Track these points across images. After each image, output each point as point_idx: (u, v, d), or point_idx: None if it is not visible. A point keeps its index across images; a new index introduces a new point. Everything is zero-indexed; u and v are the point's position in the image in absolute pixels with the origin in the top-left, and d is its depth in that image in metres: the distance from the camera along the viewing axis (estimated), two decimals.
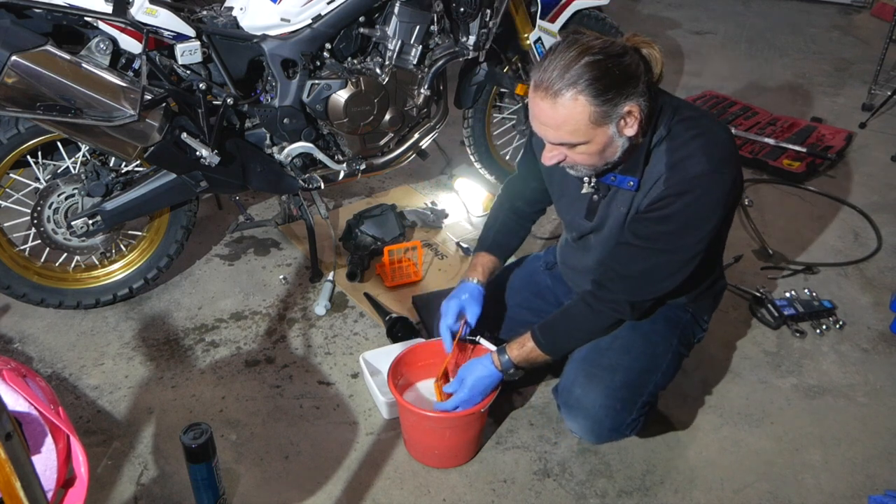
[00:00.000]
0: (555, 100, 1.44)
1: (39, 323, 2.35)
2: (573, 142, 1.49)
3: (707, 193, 1.51)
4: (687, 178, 1.51)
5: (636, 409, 1.74)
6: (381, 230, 2.66)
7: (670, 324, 1.82)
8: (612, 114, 1.45)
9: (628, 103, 1.45)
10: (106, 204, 2.19)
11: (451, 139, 3.26)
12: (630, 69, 1.45)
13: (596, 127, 1.46)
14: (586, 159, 1.53)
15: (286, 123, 2.29)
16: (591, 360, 1.76)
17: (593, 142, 1.48)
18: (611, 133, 1.48)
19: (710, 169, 1.50)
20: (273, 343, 2.28)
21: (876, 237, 2.85)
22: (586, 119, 1.44)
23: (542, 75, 1.45)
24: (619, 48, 1.46)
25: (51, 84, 1.85)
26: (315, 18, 2.21)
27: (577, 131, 1.46)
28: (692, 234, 1.55)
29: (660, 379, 1.79)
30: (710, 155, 1.51)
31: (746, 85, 4.26)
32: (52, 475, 1.38)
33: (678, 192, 1.51)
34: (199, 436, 1.54)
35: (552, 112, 1.45)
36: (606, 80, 1.42)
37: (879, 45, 4.09)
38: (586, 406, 1.73)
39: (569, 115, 1.44)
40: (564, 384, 1.79)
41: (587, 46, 1.43)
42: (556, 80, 1.43)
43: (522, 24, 2.68)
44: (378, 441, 1.94)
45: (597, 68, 1.41)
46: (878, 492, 1.81)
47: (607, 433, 1.75)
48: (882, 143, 3.61)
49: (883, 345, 2.31)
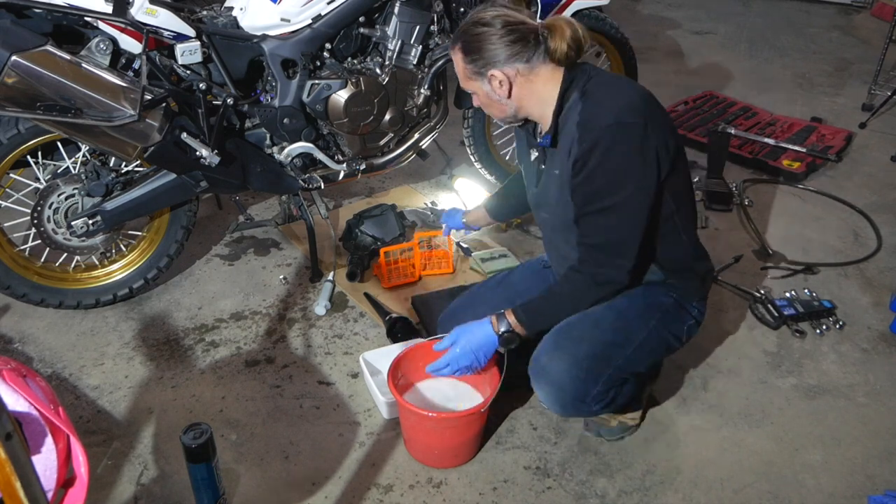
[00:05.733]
0: (452, 47, 1.74)
1: (39, 323, 2.35)
2: (465, 87, 1.76)
3: (617, 142, 1.60)
4: (593, 131, 1.61)
5: (602, 381, 1.74)
6: (381, 230, 2.66)
7: (650, 305, 1.82)
8: (478, 73, 1.69)
9: (492, 70, 1.67)
10: (106, 204, 2.20)
11: (451, 139, 3.26)
12: (507, 40, 1.64)
13: (471, 80, 1.72)
14: (484, 108, 1.79)
15: (286, 123, 2.29)
16: (561, 332, 1.79)
17: (477, 93, 1.75)
18: (486, 89, 1.71)
19: (614, 120, 1.60)
20: (273, 343, 2.28)
21: (876, 237, 2.85)
22: (463, 70, 1.73)
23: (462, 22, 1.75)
24: (515, 20, 1.66)
25: (51, 84, 1.85)
26: (315, 18, 2.22)
27: (463, 80, 1.75)
28: (623, 186, 1.62)
29: (632, 354, 1.77)
30: (615, 107, 1.62)
31: (746, 85, 4.26)
32: (52, 475, 1.38)
33: (590, 147, 1.61)
34: (199, 436, 1.54)
35: (452, 56, 1.76)
36: (476, 44, 1.67)
37: (879, 45, 4.10)
38: (550, 373, 1.75)
39: (455, 64, 1.75)
40: (534, 354, 1.81)
41: (487, 12, 1.68)
42: (458, 32, 1.72)
43: None
44: (378, 441, 1.94)
45: (469, 33, 1.68)
46: (878, 492, 1.81)
47: (571, 402, 1.75)
48: (882, 143, 3.61)
49: (883, 345, 2.31)
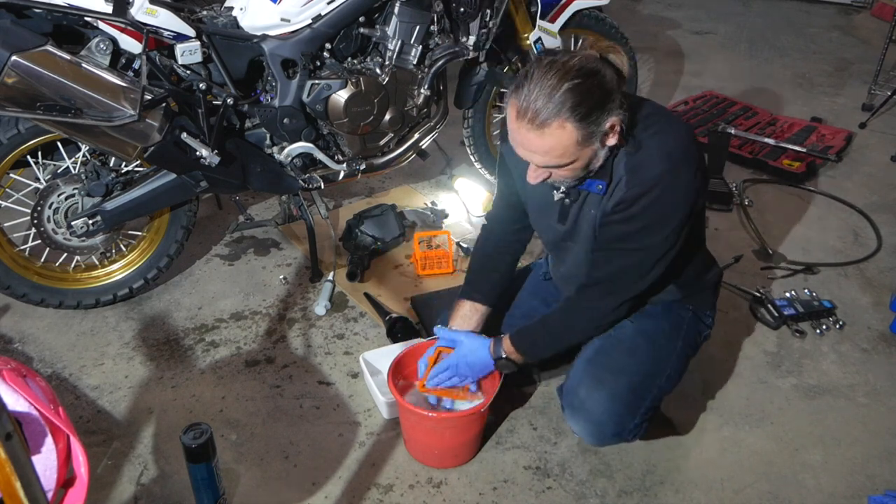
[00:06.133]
0: (542, 130, 1.44)
1: (39, 323, 2.35)
2: (561, 163, 1.50)
3: (666, 192, 1.54)
4: (646, 179, 1.54)
5: (640, 415, 1.75)
6: (381, 230, 2.66)
7: (674, 325, 1.83)
8: (597, 132, 1.47)
9: (610, 118, 1.47)
10: (106, 204, 2.20)
11: (451, 139, 3.26)
12: (607, 84, 1.46)
13: (583, 147, 1.48)
14: (571, 174, 1.55)
15: (286, 123, 2.29)
16: (596, 363, 1.77)
17: (580, 160, 1.51)
18: (595, 148, 1.51)
19: (667, 168, 1.53)
20: (273, 343, 2.28)
21: (876, 237, 2.85)
22: (574, 143, 1.46)
23: (524, 104, 1.45)
24: (594, 64, 1.46)
25: (51, 84, 1.85)
26: (315, 18, 2.21)
27: (565, 154, 1.48)
28: (658, 233, 1.58)
29: (664, 383, 1.79)
30: (666, 154, 1.54)
31: (746, 85, 4.26)
32: (52, 475, 1.38)
33: (638, 194, 1.54)
34: (199, 436, 1.54)
35: (540, 141, 1.46)
36: (590, 103, 1.43)
37: (879, 45, 4.09)
38: (590, 409, 1.74)
39: (557, 142, 1.46)
40: (570, 385, 1.80)
41: (566, 70, 1.43)
42: (542, 110, 1.43)
43: (522, 24, 2.69)
44: (378, 441, 1.94)
45: (579, 92, 1.42)
46: (878, 492, 1.81)
47: (610, 437, 1.76)
48: (882, 143, 3.61)
49: (883, 345, 2.31)
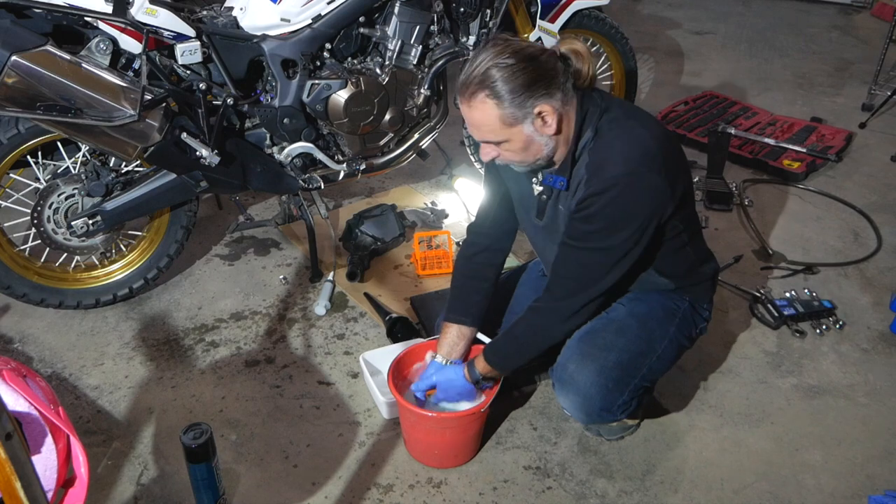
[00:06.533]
0: (469, 101, 1.52)
1: (39, 323, 2.35)
2: (493, 140, 1.55)
3: (625, 193, 1.54)
4: (605, 179, 1.55)
5: (628, 391, 1.76)
6: (381, 230, 2.66)
7: (668, 312, 1.83)
8: (520, 115, 1.50)
9: (539, 104, 1.50)
10: (106, 204, 2.20)
11: (451, 139, 3.26)
12: (541, 71, 1.50)
13: (509, 127, 1.52)
14: (513, 156, 1.59)
15: (286, 123, 2.29)
16: (586, 340, 1.79)
17: (512, 140, 1.54)
18: (527, 132, 1.53)
19: (625, 171, 1.54)
20: (273, 343, 2.28)
21: (876, 237, 2.85)
22: (497, 119, 1.51)
23: (462, 78, 1.53)
24: (533, 51, 1.51)
25: (51, 84, 1.85)
26: (315, 18, 2.22)
27: (493, 131, 1.53)
28: (619, 233, 1.58)
29: (654, 363, 1.80)
30: (626, 156, 1.55)
31: (746, 85, 4.26)
32: (52, 475, 1.38)
33: (597, 192, 1.56)
34: (199, 436, 1.54)
35: (469, 113, 1.54)
36: (513, 82, 1.48)
37: (879, 45, 4.09)
38: (578, 383, 1.75)
39: (482, 117, 1.52)
40: (560, 361, 1.81)
41: (500, 49, 1.49)
42: (471, 84, 1.50)
43: (522, 24, 2.69)
44: (378, 441, 1.94)
45: (505, 71, 1.47)
46: (878, 492, 1.81)
47: (597, 412, 1.77)
48: (882, 143, 3.61)
49: (883, 345, 2.31)
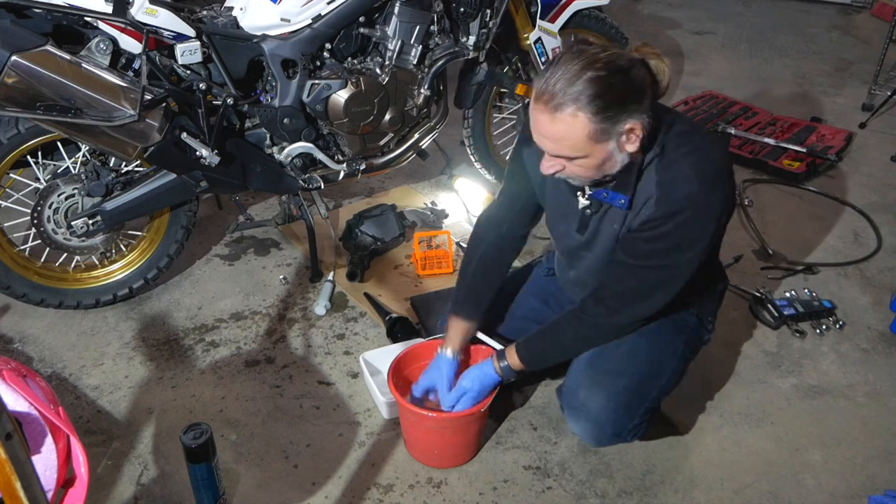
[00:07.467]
0: (554, 114, 1.40)
1: (39, 323, 2.35)
2: (570, 155, 1.45)
3: (697, 214, 1.49)
4: (677, 199, 1.48)
5: (639, 415, 1.75)
6: (381, 230, 2.66)
7: (676, 328, 1.81)
8: (612, 131, 1.41)
9: (630, 121, 1.41)
10: (106, 204, 2.19)
11: (451, 139, 3.26)
12: (635, 84, 1.40)
13: (595, 143, 1.42)
14: (584, 172, 1.50)
15: (286, 123, 2.29)
16: (595, 364, 1.76)
17: (592, 156, 1.45)
18: (610, 149, 1.44)
19: (700, 189, 1.47)
20: (273, 343, 2.28)
21: (876, 237, 2.85)
22: (585, 135, 1.40)
23: (543, 86, 1.41)
24: (625, 61, 1.40)
25: (51, 84, 1.85)
26: (315, 18, 2.21)
27: (576, 146, 1.43)
28: (684, 253, 1.54)
29: (664, 384, 1.79)
30: (700, 174, 1.48)
31: (746, 85, 4.26)
32: (52, 475, 1.38)
33: (668, 213, 1.49)
34: (199, 436, 1.54)
35: (551, 126, 1.42)
36: (609, 97, 1.37)
37: (879, 45, 4.09)
38: (590, 409, 1.74)
39: (568, 131, 1.40)
40: (569, 386, 1.79)
41: (592, 59, 1.38)
42: (558, 94, 1.38)
43: (522, 24, 2.68)
44: (378, 441, 1.94)
45: (599, 84, 1.37)
46: (878, 492, 1.80)
47: (609, 437, 1.77)
48: (882, 143, 3.61)
49: (883, 345, 2.31)
